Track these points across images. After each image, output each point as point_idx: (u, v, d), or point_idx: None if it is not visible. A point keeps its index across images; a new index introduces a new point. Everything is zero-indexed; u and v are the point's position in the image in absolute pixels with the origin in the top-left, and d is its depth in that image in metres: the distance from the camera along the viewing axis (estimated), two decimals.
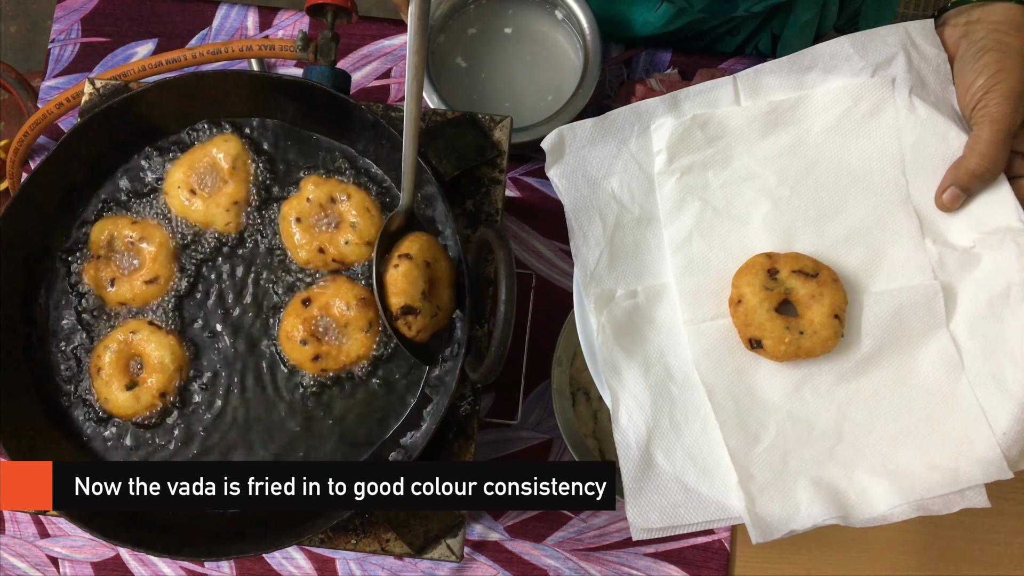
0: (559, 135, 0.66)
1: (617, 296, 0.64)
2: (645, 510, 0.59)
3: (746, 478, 0.59)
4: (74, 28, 0.98)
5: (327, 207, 0.68)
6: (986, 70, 0.61)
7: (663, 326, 0.64)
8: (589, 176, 0.65)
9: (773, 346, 0.60)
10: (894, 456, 0.60)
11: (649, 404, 0.61)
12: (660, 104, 0.66)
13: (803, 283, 0.61)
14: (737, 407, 0.61)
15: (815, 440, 0.61)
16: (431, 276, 0.62)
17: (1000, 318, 0.60)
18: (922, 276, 0.62)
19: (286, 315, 0.66)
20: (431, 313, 0.62)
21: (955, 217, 0.63)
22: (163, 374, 0.65)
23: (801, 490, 0.59)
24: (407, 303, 0.61)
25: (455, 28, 0.90)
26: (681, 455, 0.60)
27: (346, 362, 0.65)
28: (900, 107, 0.64)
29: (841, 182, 0.65)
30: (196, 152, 0.69)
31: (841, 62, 0.65)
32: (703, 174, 0.66)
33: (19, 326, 0.66)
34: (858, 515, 0.58)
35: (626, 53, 0.96)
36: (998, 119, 0.60)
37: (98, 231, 0.68)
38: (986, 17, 0.63)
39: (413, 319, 0.61)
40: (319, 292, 0.66)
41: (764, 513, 0.58)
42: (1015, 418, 0.59)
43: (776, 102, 0.65)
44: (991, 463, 0.58)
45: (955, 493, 0.58)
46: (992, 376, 0.60)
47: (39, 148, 0.96)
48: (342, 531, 0.65)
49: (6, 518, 0.89)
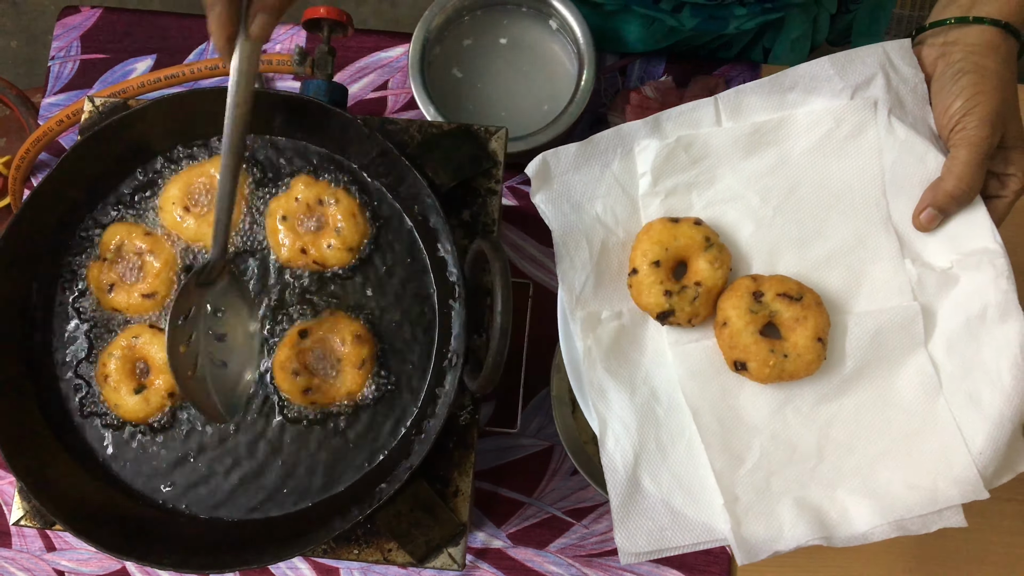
0: (543, 161, 0.66)
1: (603, 318, 0.64)
2: (633, 534, 0.60)
3: (731, 500, 0.60)
4: (74, 45, 0.99)
5: (314, 208, 0.68)
6: (964, 93, 0.62)
7: (648, 347, 0.65)
8: (574, 200, 0.66)
9: (758, 369, 0.61)
10: (874, 476, 0.61)
11: (635, 427, 0.61)
12: (643, 127, 0.66)
13: (787, 306, 0.61)
14: (722, 428, 0.62)
15: (797, 460, 0.62)
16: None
17: (977, 338, 0.61)
18: (902, 297, 0.63)
19: (280, 346, 0.67)
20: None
21: (933, 238, 0.64)
22: (169, 374, 0.66)
23: (785, 511, 0.60)
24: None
25: (450, 39, 0.91)
26: (667, 478, 0.61)
27: (335, 398, 0.66)
28: (880, 128, 0.65)
29: (823, 202, 0.65)
30: (193, 171, 0.70)
31: (822, 83, 0.66)
32: (687, 195, 0.66)
33: (20, 343, 0.67)
34: (840, 534, 0.59)
35: (620, 61, 0.97)
36: (976, 142, 0.61)
37: (111, 234, 0.69)
38: (963, 39, 0.63)
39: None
40: (316, 325, 0.67)
41: (749, 535, 0.59)
42: (990, 437, 0.59)
43: (759, 123, 0.66)
44: (967, 483, 0.59)
45: (933, 513, 0.59)
46: (969, 396, 0.61)
47: (40, 165, 0.96)
48: (345, 541, 0.66)
49: (12, 532, 0.89)
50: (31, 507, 0.66)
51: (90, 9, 1.00)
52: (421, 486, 0.65)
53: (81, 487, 0.65)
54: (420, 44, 0.87)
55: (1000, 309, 0.60)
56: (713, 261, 0.63)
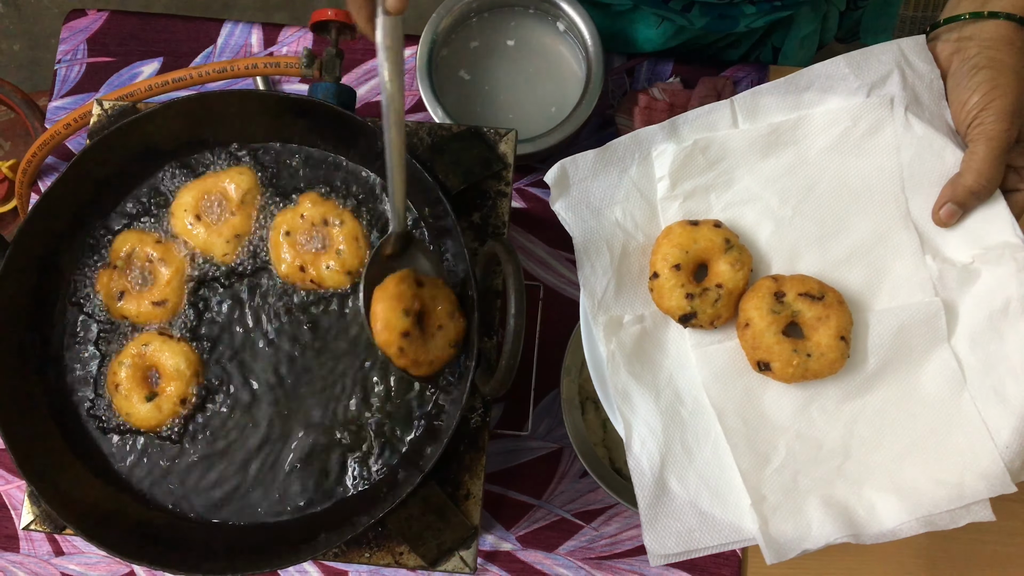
0: (562, 168, 0.66)
1: (625, 322, 0.64)
2: (662, 536, 0.60)
3: (759, 500, 0.60)
4: (80, 48, 0.99)
5: (319, 227, 0.68)
6: (980, 88, 0.62)
7: (671, 350, 0.64)
8: (593, 207, 0.66)
9: (781, 369, 0.61)
10: (901, 472, 0.61)
11: (661, 430, 0.61)
12: (659, 131, 0.66)
13: (809, 306, 0.61)
14: (747, 429, 0.62)
15: (824, 458, 0.61)
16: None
17: (1000, 333, 0.61)
18: (923, 293, 0.63)
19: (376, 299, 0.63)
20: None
21: (954, 233, 0.64)
22: (181, 380, 0.66)
23: (812, 509, 0.60)
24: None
25: (458, 42, 0.91)
26: (694, 479, 0.61)
27: (426, 360, 0.63)
28: (898, 125, 0.65)
29: (842, 201, 0.65)
30: (209, 179, 0.70)
31: (837, 82, 0.66)
32: (706, 198, 0.66)
33: (30, 345, 0.67)
34: (868, 531, 0.59)
35: (628, 63, 0.96)
36: (994, 136, 0.61)
37: (121, 241, 0.69)
38: (978, 34, 0.63)
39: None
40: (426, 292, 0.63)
41: (777, 534, 0.59)
42: (1016, 431, 0.59)
43: (776, 123, 0.65)
44: (995, 477, 0.59)
45: (961, 508, 0.59)
46: (994, 390, 0.60)
47: (47, 168, 0.96)
48: (356, 545, 0.66)
49: (21, 537, 0.89)
50: (41, 511, 0.66)
51: (96, 12, 1.00)
52: (432, 489, 0.64)
53: (93, 492, 0.65)
54: (427, 46, 0.87)
55: (1023, 303, 0.60)
56: (734, 263, 0.62)
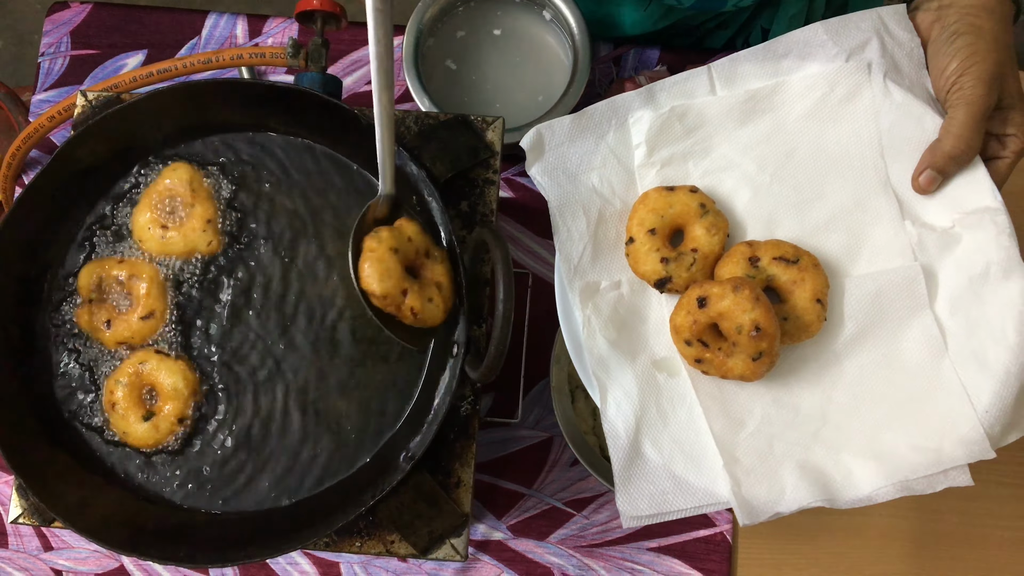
0: (537, 133, 0.66)
1: (602, 288, 0.64)
2: (634, 498, 0.60)
3: (731, 462, 0.60)
4: (63, 41, 0.98)
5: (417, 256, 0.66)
6: (959, 53, 0.62)
7: (648, 315, 0.65)
8: (569, 172, 0.66)
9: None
10: (879, 437, 0.61)
11: (636, 393, 0.62)
12: (636, 97, 0.66)
13: (784, 269, 0.61)
14: (722, 393, 0.62)
15: (800, 423, 0.62)
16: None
17: (980, 297, 0.61)
18: (903, 258, 0.63)
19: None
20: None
21: (933, 199, 0.64)
22: (178, 400, 0.65)
23: (787, 473, 0.60)
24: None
25: (444, 31, 0.91)
26: (668, 443, 0.61)
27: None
28: (876, 91, 0.65)
29: (820, 167, 0.65)
30: (150, 191, 0.69)
31: (815, 48, 0.66)
32: (683, 165, 0.66)
33: (16, 352, 0.66)
34: (843, 497, 0.59)
35: (615, 51, 0.96)
36: (973, 101, 0.61)
37: (86, 276, 0.67)
38: (958, 2, 0.64)
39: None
40: (717, 294, 0.60)
41: (750, 496, 0.59)
42: (996, 395, 0.59)
43: (753, 90, 0.65)
44: (974, 443, 0.59)
45: (939, 473, 0.58)
46: (974, 355, 0.60)
47: (31, 162, 0.96)
48: (347, 534, 0.65)
49: (9, 532, 0.89)
50: (29, 504, 0.65)
51: (79, 5, 0.99)
52: (423, 477, 0.65)
53: (82, 485, 0.64)
54: (413, 36, 0.87)
55: (1003, 266, 0.60)
56: (709, 228, 0.63)
